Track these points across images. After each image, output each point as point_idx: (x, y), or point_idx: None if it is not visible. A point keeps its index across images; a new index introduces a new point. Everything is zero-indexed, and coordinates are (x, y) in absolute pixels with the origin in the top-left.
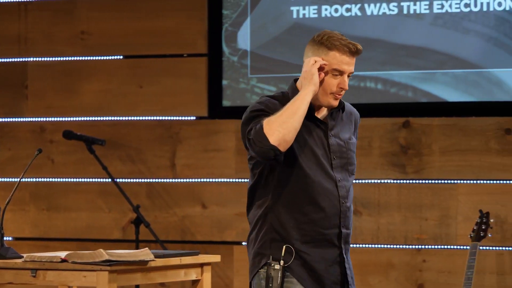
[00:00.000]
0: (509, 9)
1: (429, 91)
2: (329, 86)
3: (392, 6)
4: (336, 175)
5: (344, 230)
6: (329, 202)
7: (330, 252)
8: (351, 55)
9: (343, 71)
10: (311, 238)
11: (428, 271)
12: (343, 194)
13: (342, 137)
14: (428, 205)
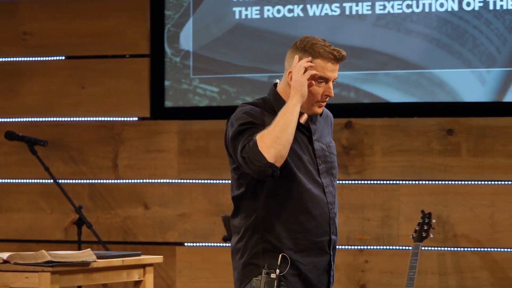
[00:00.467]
0: (451, 10)
1: (371, 92)
2: (314, 95)
3: (334, 7)
4: (323, 181)
5: (333, 236)
6: (320, 210)
7: (322, 260)
8: (335, 62)
9: (328, 78)
10: (304, 247)
11: (370, 272)
12: (330, 200)
13: (323, 141)
14: (370, 205)
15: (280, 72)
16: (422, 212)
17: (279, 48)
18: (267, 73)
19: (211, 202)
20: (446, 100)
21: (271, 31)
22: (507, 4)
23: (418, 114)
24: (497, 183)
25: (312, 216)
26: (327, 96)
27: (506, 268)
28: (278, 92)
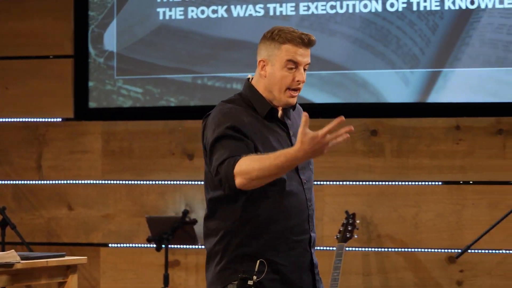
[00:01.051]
0: (375, 11)
1: None
2: (284, 80)
3: (258, 7)
4: (301, 177)
5: (313, 234)
6: (299, 207)
7: (303, 259)
8: (304, 46)
9: (297, 62)
10: (286, 247)
11: None
12: (309, 197)
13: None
14: None
15: (204, 73)
16: (346, 212)
17: (203, 48)
18: (191, 73)
19: (135, 203)
20: (370, 100)
21: (195, 32)
22: (431, 5)
23: (342, 115)
24: (421, 183)
25: (292, 214)
26: (298, 82)
27: (430, 268)
28: (253, 85)
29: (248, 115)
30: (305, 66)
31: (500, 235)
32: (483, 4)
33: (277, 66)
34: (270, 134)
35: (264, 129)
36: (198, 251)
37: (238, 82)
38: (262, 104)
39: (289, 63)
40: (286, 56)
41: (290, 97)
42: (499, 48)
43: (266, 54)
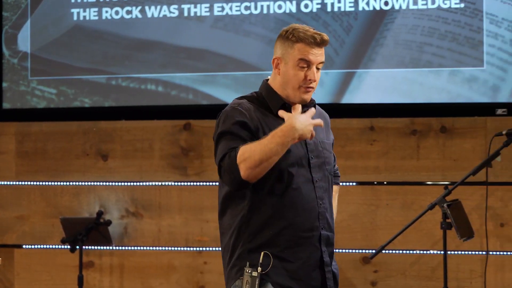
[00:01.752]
0: (289, 11)
1: (210, 94)
2: (296, 78)
3: (173, 8)
4: (314, 176)
5: (324, 232)
6: (308, 204)
7: (312, 255)
8: (316, 45)
9: (309, 61)
10: (293, 243)
11: (209, 273)
12: (320, 195)
13: (317, 136)
14: (209, 207)
15: (118, 74)
16: None
17: (117, 49)
18: (105, 74)
19: (49, 204)
20: None
21: (109, 33)
22: (345, 6)
23: None
24: None
25: (299, 210)
26: (310, 80)
27: (344, 268)
28: (270, 85)
29: (258, 112)
30: (318, 65)
31: (414, 236)
32: (397, 5)
33: (290, 64)
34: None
35: (275, 125)
36: (113, 252)
37: (153, 83)
38: (275, 100)
39: (301, 62)
40: (299, 55)
41: (304, 93)
42: (413, 49)
43: (280, 52)
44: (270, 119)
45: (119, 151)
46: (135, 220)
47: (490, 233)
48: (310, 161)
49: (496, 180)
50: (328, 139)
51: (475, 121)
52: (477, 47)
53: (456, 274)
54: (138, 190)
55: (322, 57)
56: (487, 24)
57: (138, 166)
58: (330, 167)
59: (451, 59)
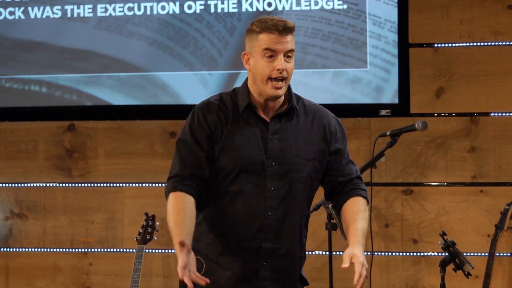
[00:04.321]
0: (173, 12)
1: (93, 95)
2: (264, 70)
3: (56, 9)
4: (269, 184)
5: (267, 244)
6: (251, 214)
7: (247, 267)
8: (279, 33)
9: (275, 50)
10: (229, 251)
11: (95, 274)
12: (271, 206)
13: (291, 142)
14: (94, 208)
15: (1, 75)
16: (146, 214)
17: (0, 50)
18: None
19: None
20: (169, 102)
21: None
22: (228, 7)
23: (141, 117)
24: None
25: (239, 219)
26: (279, 70)
27: None
28: (246, 82)
29: (221, 111)
30: (288, 53)
31: None
32: (280, 6)
33: (257, 57)
34: (240, 130)
35: (236, 125)
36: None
37: (37, 84)
38: (242, 100)
39: (267, 51)
40: (263, 45)
41: (273, 88)
42: (296, 50)
43: (248, 46)
44: (232, 118)
45: (3, 152)
46: (20, 221)
47: (375, 233)
48: (268, 168)
49: (381, 180)
50: (312, 146)
51: (359, 122)
52: (361, 48)
53: (342, 274)
54: (22, 191)
55: (289, 44)
56: (370, 25)
57: (23, 167)
58: (301, 175)
59: (334, 60)
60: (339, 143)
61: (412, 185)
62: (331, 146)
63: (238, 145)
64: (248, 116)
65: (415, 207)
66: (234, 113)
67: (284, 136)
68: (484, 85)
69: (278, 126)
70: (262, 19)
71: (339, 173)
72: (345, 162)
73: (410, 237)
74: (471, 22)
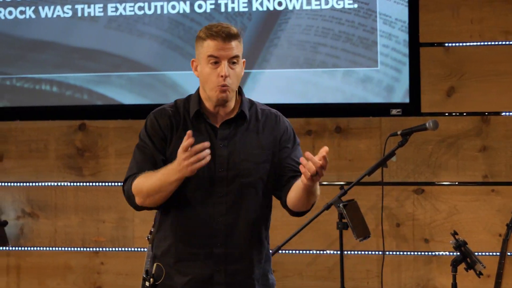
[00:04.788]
0: (183, 12)
1: (104, 94)
2: (210, 77)
3: (66, 8)
4: (216, 190)
5: (219, 249)
6: (199, 219)
7: (202, 273)
8: (222, 39)
9: (218, 56)
10: (184, 257)
11: (106, 274)
12: (220, 210)
13: (240, 147)
14: (105, 207)
15: (12, 74)
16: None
17: (11, 49)
18: None
19: None
20: None
21: (2, 33)
22: (239, 7)
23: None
24: None
25: (190, 225)
26: (222, 77)
27: None
28: (198, 89)
29: (172, 118)
30: (233, 59)
31: (310, 236)
32: (290, 5)
33: (203, 63)
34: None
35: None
36: (9, 253)
37: (47, 83)
38: (193, 106)
39: (211, 58)
40: (207, 51)
41: (220, 91)
42: (307, 49)
43: (196, 53)
44: (185, 124)
45: (14, 152)
46: (31, 221)
47: (386, 233)
48: (216, 174)
49: (392, 180)
50: (262, 149)
51: (370, 121)
52: (371, 47)
53: (353, 274)
54: (34, 190)
55: (233, 51)
56: (381, 24)
57: (34, 166)
58: (250, 180)
59: (345, 59)
60: (288, 143)
61: (423, 184)
62: (280, 146)
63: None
64: (198, 122)
65: (426, 207)
66: (185, 120)
67: (233, 141)
68: (495, 84)
69: (227, 132)
70: (208, 26)
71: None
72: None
73: (422, 237)
74: (482, 22)
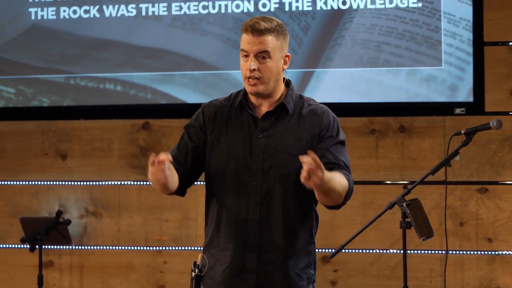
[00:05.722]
0: (247, 11)
1: (168, 93)
2: (241, 68)
3: (131, 7)
4: (253, 179)
5: (251, 238)
6: (236, 208)
7: (236, 260)
8: (252, 34)
9: (246, 50)
10: (224, 245)
11: (169, 272)
12: (255, 200)
13: (279, 139)
14: (168, 206)
15: (76, 73)
16: None
17: (75, 49)
18: (63, 73)
19: (7, 203)
20: None
21: (67, 32)
22: (303, 6)
23: None
24: None
25: (227, 214)
26: (249, 70)
27: None
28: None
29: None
30: (262, 54)
31: (374, 235)
32: (355, 4)
33: (240, 56)
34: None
35: (229, 121)
36: (72, 252)
37: (111, 82)
38: (239, 97)
39: (242, 52)
40: (240, 45)
41: (248, 84)
42: (370, 48)
43: None
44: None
45: (77, 151)
46: (95, 220)
47: (450, 232)
48: (252, 164)
49: (455, 179)
50: (301, 141)
51: (433, 120)
52: (435, 46)
53: (416, 273)
54: (97, 189)
55: (261, 46)
56: (445, 23)
57: (97, 165)
58: (286, 171)
59: (409, 58)
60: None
61: (487, 183)
62: (320, 139)
63: (226, 141)
64: (242, 113)
65: (490, 206)
66: (230, 111)
67: (272, 133)
68: None
69: (267, 123)
70: (248, 20)
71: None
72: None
73: (485, 236)
74: None
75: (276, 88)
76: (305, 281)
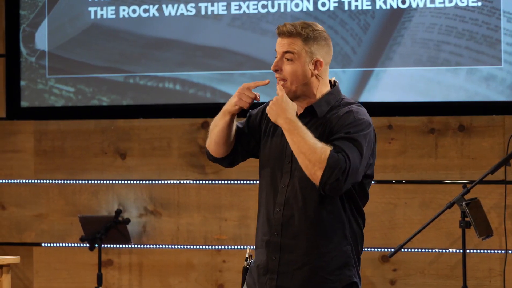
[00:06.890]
0: (306, 10)
1: (227, 92)
2: None
3: (190, 7)
4: (282, 180)
5: (275, 238)
6: (266, 209)
7: (263, 259)
8: (279, 36)
9: (276, 51)
10: (257, 244)
11: (228, 272)
12: (280, 201)
13: None
14: (227, 205)
15: (136, 72)
16: None
17: (134, 48)
18: (122, 73)
19: (67, 202)
20: None
21: (126, 31)
22: (362, 5)
23: None
24: None
25: (262, 214)
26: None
27: (363, 267)
28: None
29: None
30: (285, 55)
31: (433, 234)
32: (414, 3)
33: None
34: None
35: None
36: (131, 251)
37: (170, 81)
38: None
39: (275, 52)
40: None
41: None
42: (430, 47)
43: None
44: None
45: (137, 150)
46: (154, 219)
47: (509, 231)
48: (285, 165)
49: None
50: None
51: (493, 119)
52: (495, 45)
53: (475, 272)
54: (156, 188)
55: (284, 47)
56: (505, 22)
57: (156, 164)
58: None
59: (468, 57)
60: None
61: None
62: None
63: (271, 141)
64: None
65: None
66: None
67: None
68: None
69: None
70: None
71: None
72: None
73: None
74: None
75: (307, 92)
76: (336, 283)
